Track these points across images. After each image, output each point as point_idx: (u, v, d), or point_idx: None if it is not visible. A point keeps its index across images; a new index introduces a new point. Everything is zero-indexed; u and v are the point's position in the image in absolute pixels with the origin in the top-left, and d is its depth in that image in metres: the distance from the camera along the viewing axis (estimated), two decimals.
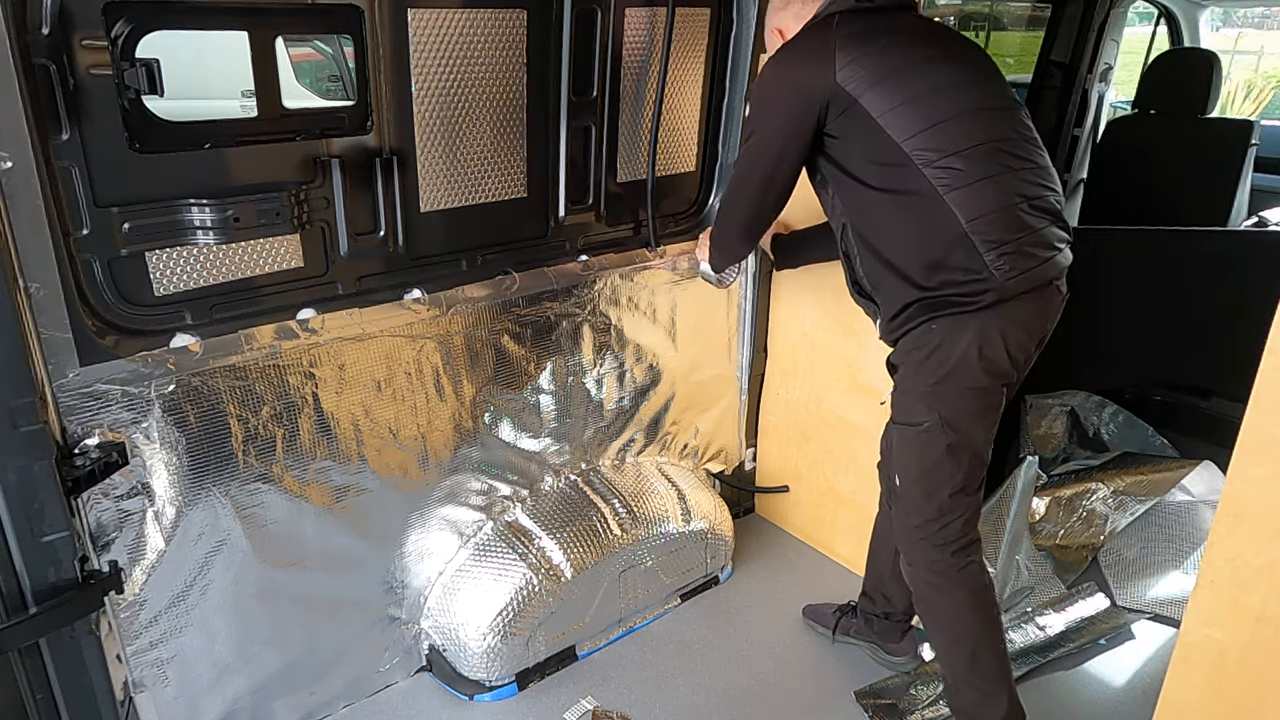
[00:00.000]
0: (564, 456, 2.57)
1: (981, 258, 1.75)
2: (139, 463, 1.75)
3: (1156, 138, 3.81)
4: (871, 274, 1.91)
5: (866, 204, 1.86)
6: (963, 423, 1.87)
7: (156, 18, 1.64)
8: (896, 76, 1.78)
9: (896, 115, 1.76)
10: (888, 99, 1.77)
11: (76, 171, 1.60)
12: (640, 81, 2.42)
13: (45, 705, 1.59)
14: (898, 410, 1.96)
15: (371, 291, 2.08)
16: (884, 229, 1.85)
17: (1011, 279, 1.76)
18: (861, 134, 1.80)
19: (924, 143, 1.76)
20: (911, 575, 2.04)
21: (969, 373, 1.82)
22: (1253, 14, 11.77)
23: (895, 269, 1.84)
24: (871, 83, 1.77)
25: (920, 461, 1.92)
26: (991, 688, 2.00)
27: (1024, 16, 5.81)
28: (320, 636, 2.16)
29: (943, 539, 1.94)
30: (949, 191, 1.75)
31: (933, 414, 1.86)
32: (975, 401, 1.87)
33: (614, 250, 2.54)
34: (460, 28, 2.01)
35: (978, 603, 1.97)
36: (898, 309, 1.87)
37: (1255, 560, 1.57)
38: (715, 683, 2.39)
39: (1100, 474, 3.05)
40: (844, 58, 1.78)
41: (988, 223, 1.75)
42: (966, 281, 1.77)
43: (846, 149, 1.84)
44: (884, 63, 1.79)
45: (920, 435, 1.90)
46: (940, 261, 1.78)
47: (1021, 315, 1.82)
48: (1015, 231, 1.77)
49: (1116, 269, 3.06)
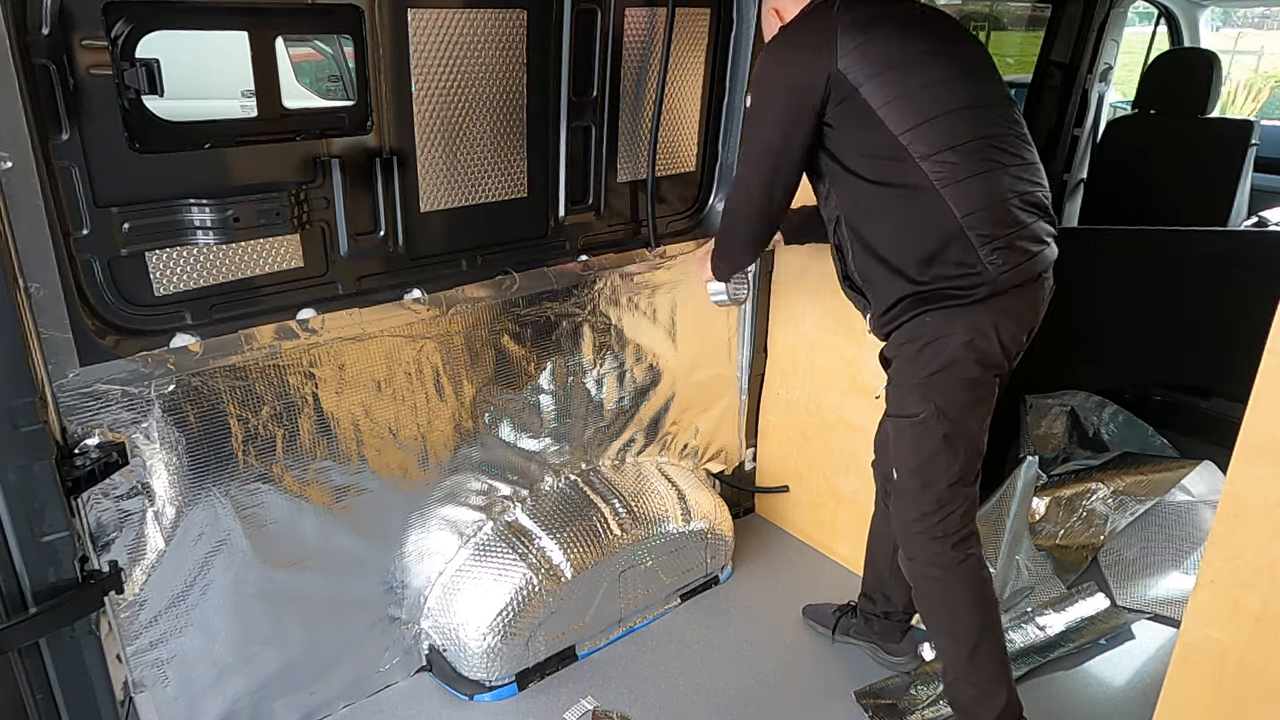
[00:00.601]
0: (564, 456, 2.57)
1: (976, 252, 1.76)
2: (139, 463, 1.75)
3: (1156, 138, 3.81)
4: (864, 268, 1.91)
5: (862, 198, 1.86)
6: (957, 413, 1.88)
7: (156, 18, 1.64)
8: (895, 69, 1.78)
9: (894, 108, 1.76)
10: (886, 91, 1.77)
11: (76, 171, 1.60)
12: (640, 81, 2.42)
13: (45, 705, 1.59)
14: (892, 403, 1.97)
15: (371, 291, 2.08)
16: (879, 223, 1.86)
17: (1004, 273, 1.78)
18: (860, 125, 1.79)
19: (921, 136, 1.76)
20: (911, 569, 2.04)
21: (962, 364, 1.83)
22: (1253, 14, 11.76)
23: (888, 263, 1.84)
24: (871, 73, 1.77)
25: (917, 453, 1.92)
26: (990, 684, 2.00)
27: (1024, 16, 5.80)
28: (320, 636, 2.16)
29: (941, 531, 1.94)
30: (945, 186, 1.76)
31: (928, 405, 1.87)
32: (969, 392, 1.88)
33: (614, 250, 2.54)
34: (460, 28, 2.01)
35: (977, 596, 1.98)
36: (890, 303, 1.87)
37: (1255, 560, 1.57)
38: (715, 683, 2.39)
39: (1100, 474, 3.05)
40: (846, 45, 1.77)
41: (981, 218, 1.77)
42: (960, 275, 1.78)
43: (843, 140, 1.83)
44: (884, 53, 1.79)
45: (916, 426, 1.90)
46: (935, 256, 1.79)
47: (1013, 308, 1.84)
48: (1007, 226, 1.79)
49: (1116, 269, 3.06)
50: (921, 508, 1.95)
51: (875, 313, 1.94)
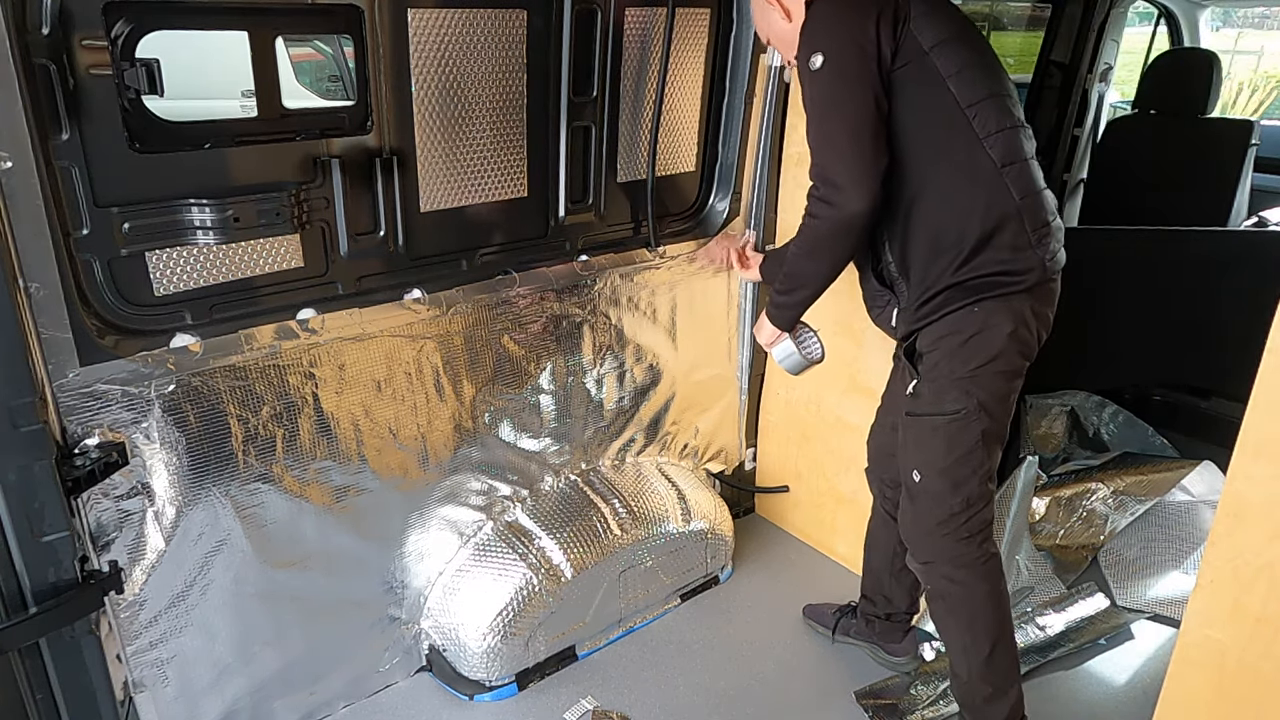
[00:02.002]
0: (564, 456, 2.57)
1: (1029, 236, 1.76)
2: (139, 463, 1.75)
3: (1156, 138, 3.81)
4: (904, 256, 1.84)
5: (920, 168, 1.77)
6: (997, 407, 1.85)
7: (156, 18, 1.64)
8: (956, 41, 1.74)
9: (961, 80, 1.72)
10: (953, 60, 1.72)
11: (76, 171, 1.60)
12: (640, 81, 2.42)
13: (45, 705, 1.59)
14: (925, 400, 1.88)
15: (371, 291, 2.08)
16: (938, 200, 1.78)
17: (1048, 260, 1.79)
18: (927, 91, 1.72)
19: (982, 114, 1.73)
20: (929, 573, 1.98)
21: (1006, 357, 1.81)
22: (1253, 14, 11.77)
23: (938, 246, 1.78)
24: (938, 40, 1.72)
25: (950, 451, 1.86)
26: (1004, 682, 1.98)
27: (1024, 16, 5.80)
28: (320, 636, 2.16)
29: (968, 531, 1.89)
30: (1004, 166, 1.74)
31: (970, 400, 1.81)
32: (1008, 384, 1.85)
33: (614, 250, 2.54)
34: (460, 28, 2.01)
35: (998, 595, 1.95)
36: (931, 293, 1.81)
37: (1255, 560, 1.57)
38: (715, 683, 2.39)
39: (1100, 474, 3.06)
40: (918, 6, 1.72)
41: (1032, 203, 1.77)
42: (1012, 259, 1.76)
43: (906, 107, 1.73)
44: (947, 22, 1.74)
45: (953, 423, 1.84)
46: (991, 238, 1.75)
47: (1046, 298, 1.85)
48: (1048, 215, 1.80)
49: (1117, 269, 3.06)
50: (950, 508, 1.88)
51: (909, 305, 1.86)
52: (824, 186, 1.76)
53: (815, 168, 1.78)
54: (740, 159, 2.68)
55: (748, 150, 2.67)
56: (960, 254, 1.77)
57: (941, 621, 2.04)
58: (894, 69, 1.72)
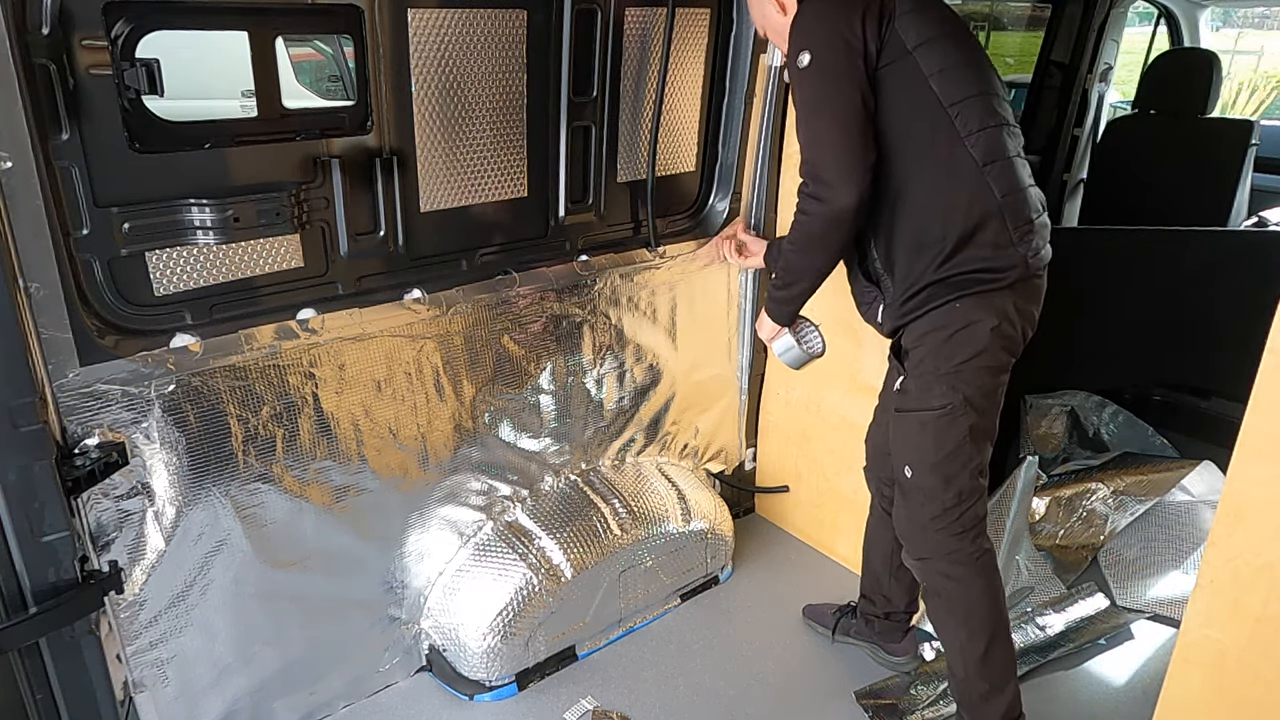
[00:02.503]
0: (564, 456, 2.57)
1: (1010, 234, 1.77)
2: (139, 463, 1.75)
3: (1156, 138, 3.81)
4: (888, 253, 1.86)
5: (903, 167, 1.80)
6: (983, 402, 1.86)
7: (156, 18, 1.64)
8: (942, 40, 1.76)
9: (945, 79, 1.74)
10: (936, 60, 1.74)
11: (76, 171, 1.60)
12: (640, 81, 2.42)
13: (45, 705, 1.59)
14: (912, 396, 1.91)
15: (371, 291, 2.08)
16: (920, 198, 1.80)
17: (1031, 257, 1.80)
18: (909, 90, 1.75)
19: (964, 113, 1.75)
20: (924, 569, 2.00)
21: (990, 352, 1.82)
22: (1253, 14, 11.76)
23: (920, 243, 1.81)
24: (921, 39, 1.74)
25: (940, 447, 1.88)
26: (1000, 679, 1.99)
27: (1024, 16, 5.80)
28: (320, 636, 2.16)
29: (961, 526, 1.91)
30: (986, 165, 1.75)
31: (955, 395, 1.83)
32: (993, 379, 1.87)
33: (614, 250, 2.54)
34: (460, 28, 2.01)
35: (994, 590, 1.96)
36: (914, 290, 1.83)
37: (1255, 560, 1.57)
38: (715, 683, 2.39)
39: (1100, 474, 3.06)
40: (903, 5, 1.75)
41: (1014, 200, 1.77)
42: (994, 257, 1.77)
43: (890, 106, 1.76)
44: (933, 21, 1.76)
45: (941, 419, 1.86)
46: (972, 235, 1.77)
47: (1030, 294, 1.86)
48: (1031, 213, 1.81)
49: (1117, 269, 3.06)
50: (943, 504, 1.90)
51: (893, 302, 1.89)
52: (813, 183, 1.79)
53: (805, 164, 1.81)
54: (740, 159, 2.68)
55: (748, 150, 2.67)
56: (943, 251, 1.78)
57: (938, 618, 2.05)
58: (879, 66, 1.75)
